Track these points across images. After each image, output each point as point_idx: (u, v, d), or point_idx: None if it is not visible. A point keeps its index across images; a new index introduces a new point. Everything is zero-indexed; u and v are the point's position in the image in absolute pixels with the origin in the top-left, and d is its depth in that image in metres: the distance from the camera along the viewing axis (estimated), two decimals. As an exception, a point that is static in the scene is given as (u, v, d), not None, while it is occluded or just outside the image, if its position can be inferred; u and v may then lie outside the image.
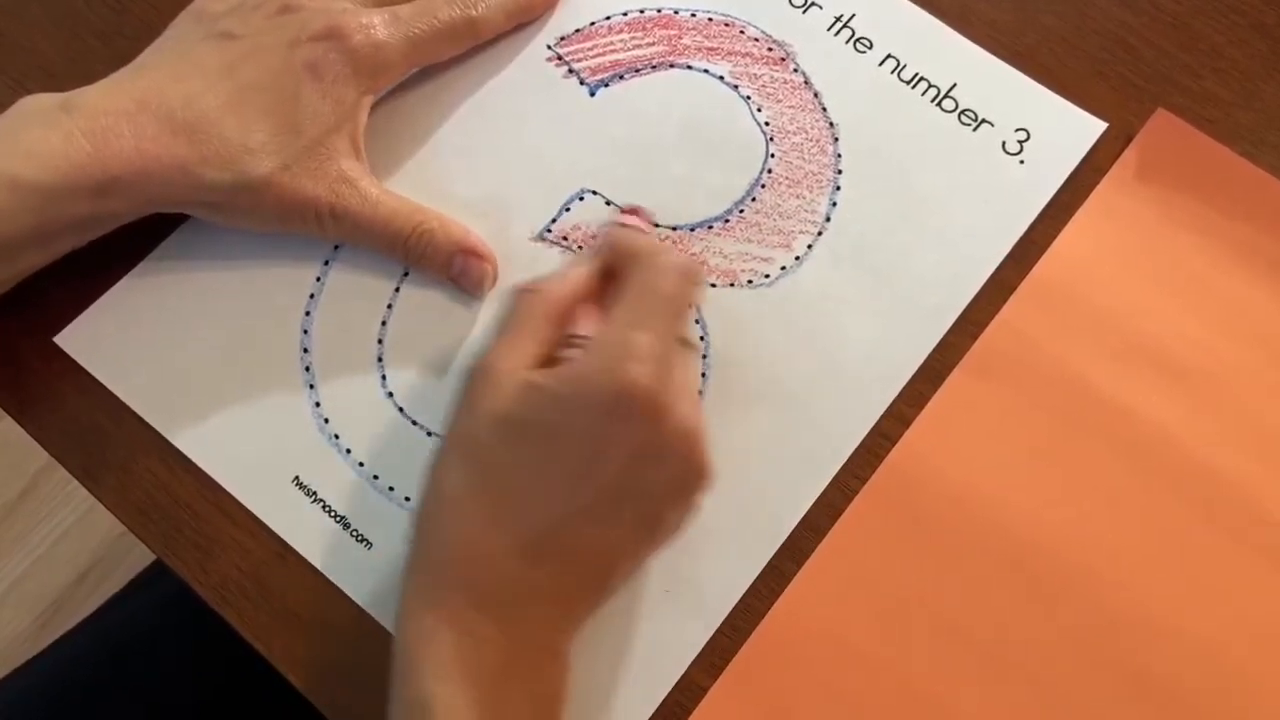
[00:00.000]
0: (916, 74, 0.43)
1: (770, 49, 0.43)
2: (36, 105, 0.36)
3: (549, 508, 0.31)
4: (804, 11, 0.44)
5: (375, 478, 0.37)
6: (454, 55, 0.42)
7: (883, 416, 0.38)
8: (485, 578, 0.31)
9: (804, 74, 0.43)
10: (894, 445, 0.37)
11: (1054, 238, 0.40)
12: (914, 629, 0.35)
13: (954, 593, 0.36)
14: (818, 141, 0.42)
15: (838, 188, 0.41)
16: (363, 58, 0.38)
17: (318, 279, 0.40)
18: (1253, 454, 0.37)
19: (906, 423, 0.38)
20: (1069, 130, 0.42)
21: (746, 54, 0.43)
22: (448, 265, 0.39)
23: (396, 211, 0.38)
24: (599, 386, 0.31)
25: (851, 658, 0.35)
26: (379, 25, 0.39)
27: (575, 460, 0.31)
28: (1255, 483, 0.37)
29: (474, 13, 0.41)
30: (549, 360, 0.33)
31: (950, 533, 0.36)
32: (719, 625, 0.35)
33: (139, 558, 1.06)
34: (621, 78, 0.43)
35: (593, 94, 0.43)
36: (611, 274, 0.35)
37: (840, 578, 0.36)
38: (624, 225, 0.39)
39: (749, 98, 0.42)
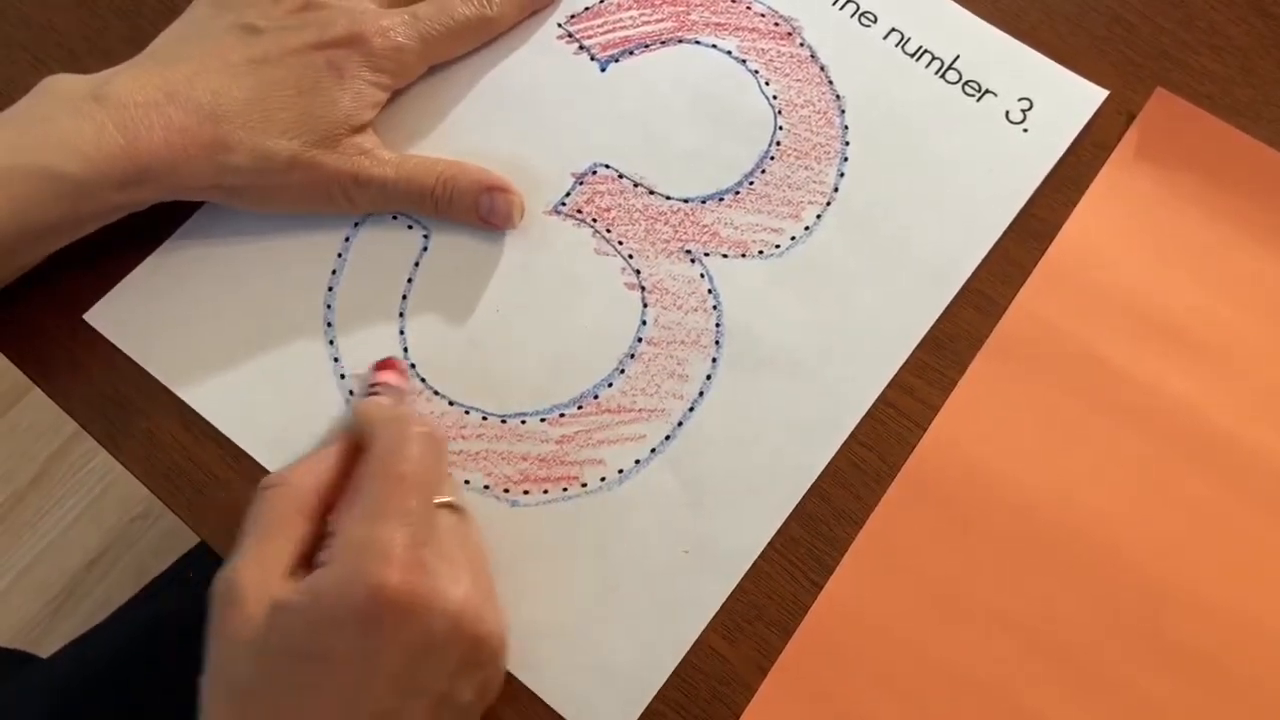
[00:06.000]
0: (921, 47, 0.43)
1: (777, 24, 0.44)
2: (64, 90, 0.37)
3: None
4: (810, -14, 0.45)
5: (396, 445, 0.38)
6: (469, 50, 0.43)
7: (889, 385, 0.39)
8: None
9: (810, 48, 0.43)
10: (899, 413, 0.38)
11: (1057, 211, 0.41)
12: (955, 615, 0.35)
13: (992, 577, 0.36)
14: (825, 114, 0.42)
15: (845, 159, 0.42)
16: (383, 60, 0.39)
17: (339, 255, 0.41)
18: (1275, 423, 0.38)
19: (911, 391, 0.38)
20: (1071, 98, 0.42)
21: (753, 29, 0.44)
22: (475, 206, 0.39)
23: (417, 165, 0.39)
24: (347, 599, 0.28)
25: (896, 646, 0.35)
26: (398, 28, 0.40)
27: (343, 682, 0.28)
28: (1278, 451, 0.37)
29: (489, 11, 0.42)
30: (310, 561, 0.31)
31: (984, 517, 0.37)
32: (733, 588, 0.36)
33: (150, 544, 1.07)
34: (631, 53, 0.44)
35: (603, 70, 0.43)
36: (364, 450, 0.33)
37: (879, 568, 0.36)
38: (379, 384, 0.36)
39: (757, 72, 0.43)
